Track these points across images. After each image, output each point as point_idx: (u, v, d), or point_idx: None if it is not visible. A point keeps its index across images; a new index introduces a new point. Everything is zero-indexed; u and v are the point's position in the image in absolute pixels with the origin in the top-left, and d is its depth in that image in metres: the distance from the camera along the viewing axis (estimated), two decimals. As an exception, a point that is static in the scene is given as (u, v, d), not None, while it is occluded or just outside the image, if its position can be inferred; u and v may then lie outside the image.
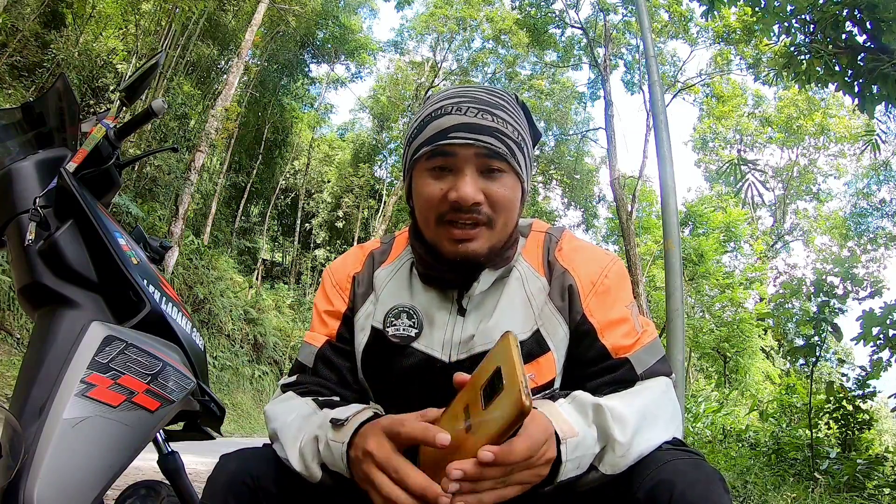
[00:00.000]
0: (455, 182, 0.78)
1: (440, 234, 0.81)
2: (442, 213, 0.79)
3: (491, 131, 0.79)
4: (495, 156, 0.78)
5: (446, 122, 0.79)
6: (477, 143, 0.78)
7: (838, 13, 4.60)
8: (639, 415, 0.70)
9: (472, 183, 0.78)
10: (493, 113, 0.80)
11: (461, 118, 0.79)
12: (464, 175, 0.78)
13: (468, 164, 0.78)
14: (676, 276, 3.76)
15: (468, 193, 0.77)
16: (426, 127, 0.81)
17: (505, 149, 0.79)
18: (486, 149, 0.78)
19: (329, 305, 0.92)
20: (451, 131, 0.78)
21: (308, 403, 0.81)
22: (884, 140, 7.43)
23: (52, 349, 0.96)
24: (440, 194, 0.79)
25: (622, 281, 0.87)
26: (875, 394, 4.75)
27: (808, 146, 21.38)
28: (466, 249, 0.79)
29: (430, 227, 0.82)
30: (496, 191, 0.79)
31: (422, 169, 0.81)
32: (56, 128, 1.21)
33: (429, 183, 0.80)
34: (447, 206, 0.78)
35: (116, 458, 0.96)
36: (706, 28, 14.98)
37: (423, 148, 0.80)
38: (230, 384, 11.77)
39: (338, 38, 20.01)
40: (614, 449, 0.67)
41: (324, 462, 0.70)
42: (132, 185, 10.83)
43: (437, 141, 0.79)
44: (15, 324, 6.08)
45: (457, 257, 0.80)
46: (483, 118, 0.79)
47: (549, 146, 22.85)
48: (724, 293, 15.79)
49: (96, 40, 11.62)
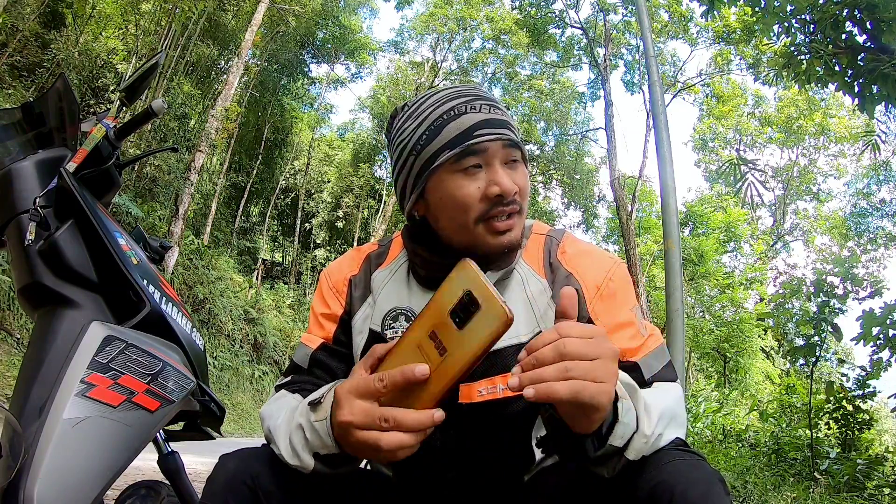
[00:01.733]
0: (491, 177, 0.79)
1: (479, 232, 0.81)
2: (483, 212, 0.79)
3: (506, 124, 0.82)
4: (515, 146, 0.82)
5: (467, 122, 0.79)
6: (501, 136, 0.80)
7: (838, 13, 4.60)
8: (662, 408, 0.71)
9: (508, 174, 0.80)
10: (498, 107, 0.83)
11: (479, 115, 0.80)
12: (496, 169, 0.80)
13: (497, 158, 0.80)
14: (676, 276, 3.76)
15: (510, 185, 0.79)
16: (440, 132, 0.80)
17: (518, 139, 0.83)
18: (510, 140, 0.81)
19: (325, 308, 0.93)
20: (475, 129, 0.79)
21: (296, 398, 0.81)
22: (884, 140, 7.44)
23: (52, 349, 0.96)
24: (478, 193, 0.79)
25: (626, 284, 0.87)
26: (875, 394, 4.75)
27: (808, 146, 21.39)
28: (511, 239, 0.81)
29: (467, 228, 0.81)
30: (520, 179, 0.82)
31: (449, 172, 0.80)
32: (56, 128, 1.21)
33: (463, 185, 0.79)
34: (487, 203, 0.79)
35: (116, 458, 0.96)
36: (706, 28, 15.00)
37: (447, 152, 0.79)
38: (230, 384, 11.77)
39: (338, 38, 20.01)
40: (639, 433, 0.67)
41: (315, 451, 0.70)
42: (132, 185, 10.83)
43: (465, 141, 0.79)
44: (15, 324, 6.08)
45: (503, 249, 0.81)
46: (496, 113, 0.82)
47: (549, 146, 22.84)
48: (724, 293, 15.80)
49: (96, 40, 11.62)
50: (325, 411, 0.68)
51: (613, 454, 0.66)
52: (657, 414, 0.69)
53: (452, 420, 0.66)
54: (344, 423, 0.64)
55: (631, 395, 0.68)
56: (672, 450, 0.70)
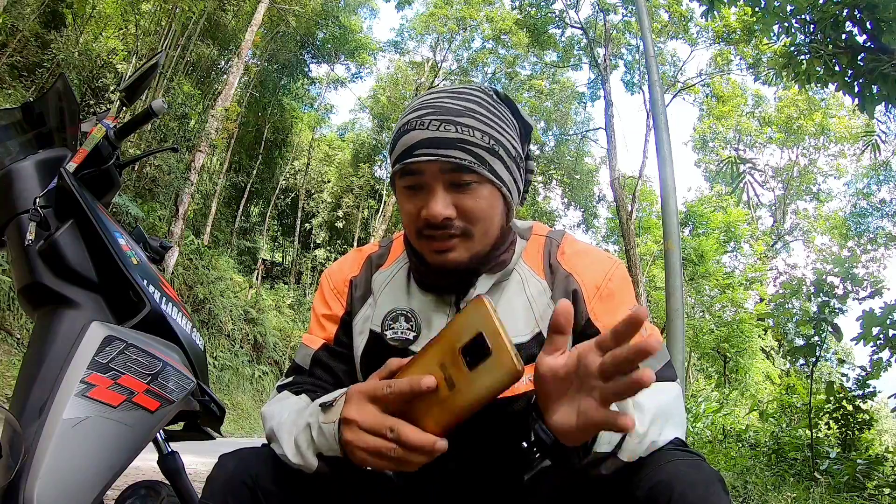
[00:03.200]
0: (426, 200, 0.78)
1: (422, 246, 0.82)
2: (420, 228, 0.80)
3: (454, 143, 0.76)
4: (461, 168, 0.76)
5: (411, 140, 0.77)
6: (440, 158, 0.76)
7: (838, 13, 4.60)
8: (657, 408, 0.71)
9: (441, 199, 0.76)
10: (456, 122, 0.77)
11: (424, 133, 0.77)
12: (433, 192, 0.77)
13: (436, 181, 0.77)
14: (676, 276, 3.76)
15: (436, 211, 0.76)
16: (396, 144, 0.80)
17: (472, 158, 0.76)
18: (450, 163, 0.76)
19: (327, 309, 0.93)
20: (415, 148, 0.77)
21: (302, 399, 0.82)
22: (884, 140, 7.44)
23: (52, 349, 0.96)
24: (415, 211, 0.79)
25: (626, 284, 0.87)
26: (875, 394, 4.75)
27: (808, 146, 21.38)
28: (445, 259, 0.80)
29: (414, 240, 0.83)
30: (468, 203, 0.77)
31: (398, 186, 0.82)
32: (56, 128, 1.21)
33: (404, 200, 0.81)
34: (422, 222, 0.78)
35: (116, 458, 0.96)
36: (706, 28, 15.00)
37: (396, 166, 0.80)
38: (230, 384, 11.77)
39: (338, 38, 20.01)
40: (632, 435, 0.67)
41: (320, 451, 0.70)
42: (132, 185, 10.82)
43: (404, 159, 0.78)
44: (15, 324, 6.08)
45: (444, 267, 0.81)
46: (446, 130, 0.76)
47: (549, 146, 22.86)
48: (724, 293, 15.79)
49: (96, 40, 11.63)
50: (336, 414, 0.68)
51: (604, 458, 0.67)
52: (651, 413, 0.69)
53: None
54: (350, 419, 0.65)
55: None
56: (671, 450, 0.70)
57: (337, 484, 0.75)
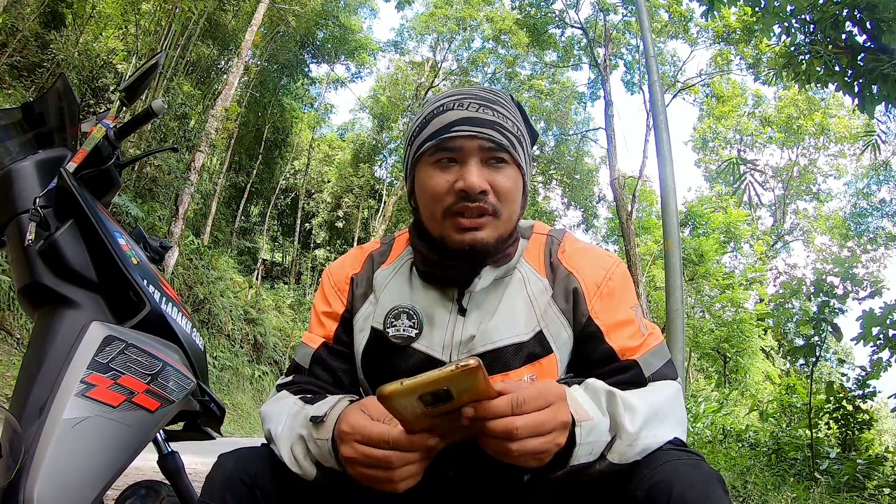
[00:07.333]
0: (461, 173, 0.80)
1: (447, 226, 0.81)
2: (449, 205, 0.80)
3: (492, 124, 0.81)
4: (498, 147, 0.80)
5: (449, 118, 0.81)
6: (480, 135, 0.80)
7: (838, 13, 4.60)
8: (649, 409, 0.71)
9: (478, 173, 0.79)
10: (493, 108, 0.82)
11: (463, 112, 0.81)
12: (469, 165, 0.80)
13: (472, 156, 0.80)
14: (676, 276, 3.76)
15: (475, 182, 0.78)
16: (428, 124, 0.83)
17: (506, 141, 0.81)
18: (490, 140, 0.80)
19: (327, 307, 0.93)
20: (454, 125, 0.80)
21: (297, 402, 0.82)
22: (884, 140, 7.44)
23: (52, 349, 0.96)
24: (447, 186, 0.80)
25: (626, 283, 0.88)
26: (875, 394, 4.74)
27: (808, 146, 21.39)
28: (475, 238, 0.80)
29: (437, 220, 0.82)
30: (500, 181, 0.81)
31: (426, 164, 0.83)
32: (56, 128, 1.21)
33: (434, 175, 0.82)
34: (454, 197, 0.79)
35: (116, 458, 0.96)
36: (706, 28, 15.00)
37: (427, 144, 0.82)
38: (230, 384, 11.77)
39: (338, 38, 20.02)
40: (622, 437, 0.68)
41: (318, 461, 0.71)
42: (132, 185, 10.82)
43: (442, 135, 0.80)
44: (15, 324, 6.08)
45: (465, 246, 0.81)
46: (484, 112, 0.81)
47: (549, 146, 22.85)
48: (724, 293, 15.80)
49: (96, 40, 11.63)
50: (328, 432, 0.70)
51: (589, 465, 0.68)
52: (643, 415, 0.69)
53: None
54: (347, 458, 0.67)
55: (608, 401, 0.69)
56: (670, 450, 0.70)
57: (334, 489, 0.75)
